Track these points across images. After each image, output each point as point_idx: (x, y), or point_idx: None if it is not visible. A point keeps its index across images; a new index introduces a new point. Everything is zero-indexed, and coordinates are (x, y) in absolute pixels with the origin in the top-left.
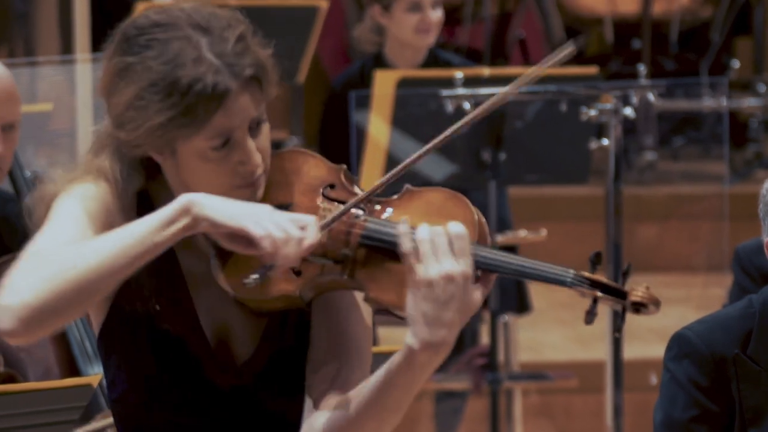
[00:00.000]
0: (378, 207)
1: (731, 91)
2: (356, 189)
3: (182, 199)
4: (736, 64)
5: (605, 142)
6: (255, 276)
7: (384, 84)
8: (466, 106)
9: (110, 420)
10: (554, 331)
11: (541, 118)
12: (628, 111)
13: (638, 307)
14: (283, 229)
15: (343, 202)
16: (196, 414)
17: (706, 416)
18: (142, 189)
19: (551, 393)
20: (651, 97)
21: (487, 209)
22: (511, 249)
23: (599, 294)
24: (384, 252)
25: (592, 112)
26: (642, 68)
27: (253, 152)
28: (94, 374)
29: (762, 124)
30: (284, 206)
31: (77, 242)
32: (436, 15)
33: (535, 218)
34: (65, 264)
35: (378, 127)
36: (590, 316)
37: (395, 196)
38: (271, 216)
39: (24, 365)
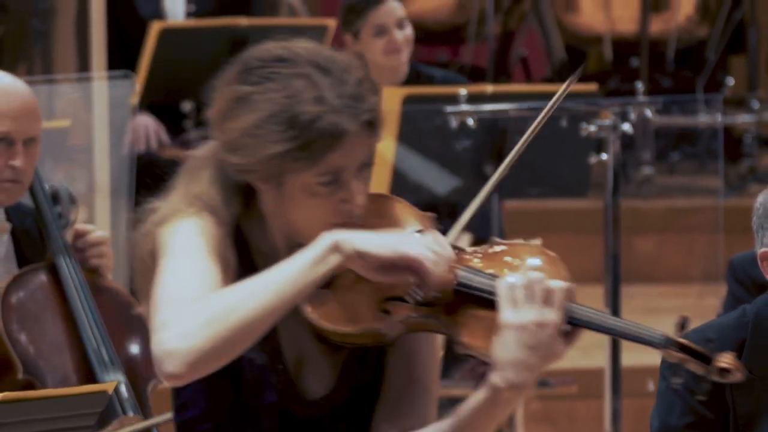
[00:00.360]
0: (467, 256)
1: (726, 108)
2: None
3: (327, 238)
4: (730, 81)
5: (604, 156)
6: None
7: (390, 101)
8: (470, 122)
9: (159, 419)
10: None
11: (542, 133)
12: (627, 127)
13: (723, 373)
14: (433, 250)
15: None
16: None
17: (701, 423)
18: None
19: (552, 399)
20: (648, 113)
21: (490, 222)
22: None
23: (686, 357)
24: (473, 299)
25: (592, 128)
26: (640, 85)
27: (357, 193)
28: (110, 381)
29: (756, 139)
30: None
31: (221, 284)
32: (403, 34)
33: (536, 230)
34: (227, 310)
35: (384, 143)
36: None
37: (482, 248)
38: (416, 239)
39: (42, 372)
